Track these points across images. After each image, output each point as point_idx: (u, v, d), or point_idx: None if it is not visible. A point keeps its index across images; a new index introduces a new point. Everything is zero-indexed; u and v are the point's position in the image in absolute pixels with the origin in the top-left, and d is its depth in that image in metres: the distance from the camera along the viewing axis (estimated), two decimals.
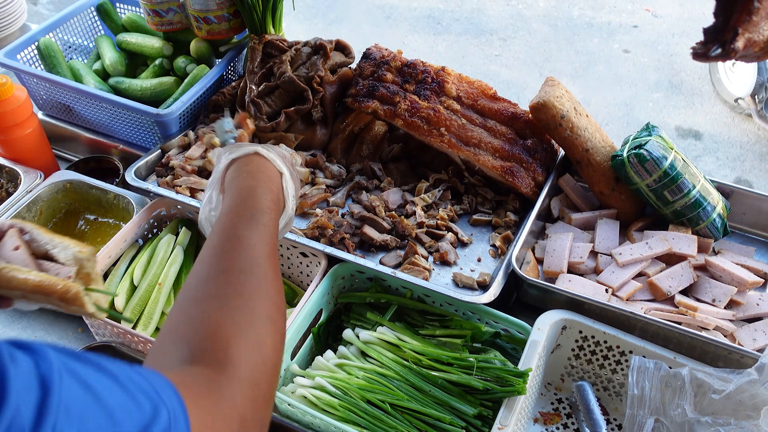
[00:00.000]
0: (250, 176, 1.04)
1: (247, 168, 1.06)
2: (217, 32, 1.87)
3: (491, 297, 1.40)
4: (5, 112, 1.66)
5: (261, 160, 1.08)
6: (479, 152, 1.62)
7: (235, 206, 0.97)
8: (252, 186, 1.02)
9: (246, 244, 0.90)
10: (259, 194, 1.00)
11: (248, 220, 0.94)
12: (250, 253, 0.89)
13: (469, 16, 5.52)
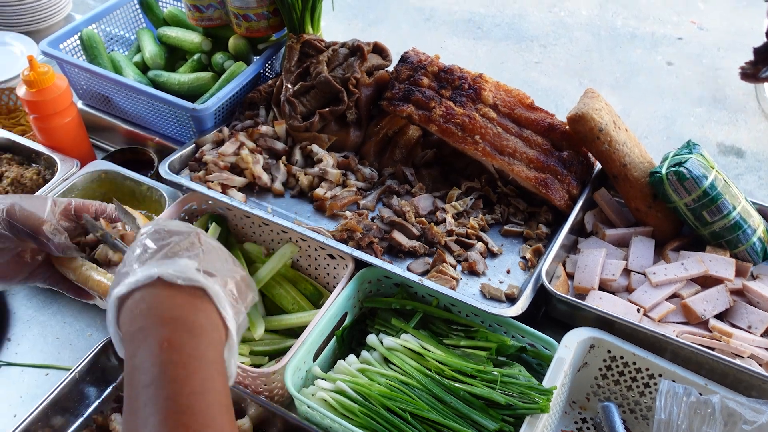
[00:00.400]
0: (157, 323, 0.74)
1: (148, 314, 0.75)
2: (256, 30, 1.87)
3: (519, 310, 1.38)
4: (46, 100, 1.68)
5: (164, 293, 0.77)
6: (513, 162, 1.60)
7: (155, 385, 0.70)
8: (166, 338, 0.73)
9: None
10: (186, 352, 0.73)
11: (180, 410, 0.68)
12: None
13: (510, 22, 5.47)
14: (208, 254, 0.84)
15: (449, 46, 5.10)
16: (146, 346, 0.73)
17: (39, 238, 0.97)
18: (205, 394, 0.71)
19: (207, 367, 0.74)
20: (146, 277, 0.77)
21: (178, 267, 0.79)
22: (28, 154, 1.78)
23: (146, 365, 0.72)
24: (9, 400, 1.43)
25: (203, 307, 0.79)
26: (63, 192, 1.66)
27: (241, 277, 0.88)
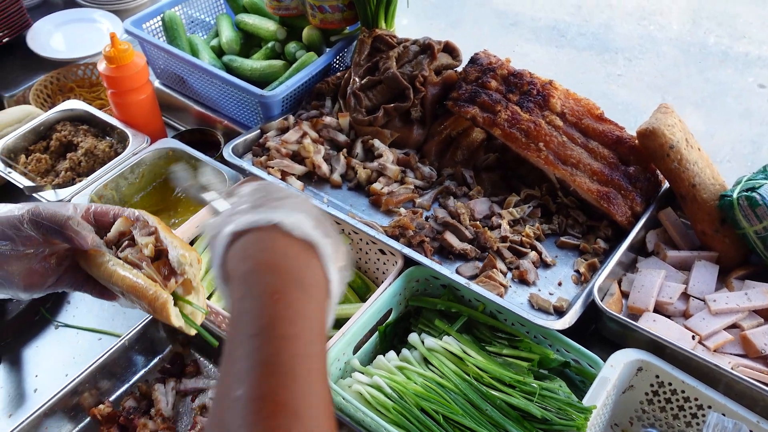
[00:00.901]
0: (270, 270, 0.73)
1: (262, 259, 0.74)
2: (330, 21, 1.89)
3: (566, 324, 1.34)
4: (123, 76, 1.74)
5: (282, 241, 0.75)
6: (576, 173, 1.56)
7: (257, 337, 0.67)
8: (278, 290, 0.71)
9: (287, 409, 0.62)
10: (294, 308, 0.70)
11: (282, 371, 0.65)
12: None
13: (595, 32, 5.33)
14: (319, 217, 0.81)
15: (530, 53, 5.01)
16: (256, 293, 0.71)
17: (66, 232, 0.97)
18: (308, 358, 0.68)
19: (312, 329, 0.71)
20: (266, 221, 0.75)
21: (295, 219, 0.76)
22: (104, 127, 1.85)
23: (254, 313, 0.69)
24: (63, 359, 1.49)
25: (313, 264, 0.76)
26: (131, 166, 1.72)
27: (344, 249, 0.84)
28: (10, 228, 0.97)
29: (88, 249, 1.01)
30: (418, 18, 5.29)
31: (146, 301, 0.96)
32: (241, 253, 0.75)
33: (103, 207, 1.06)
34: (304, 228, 0.76)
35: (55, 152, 1.80)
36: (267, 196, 0.80)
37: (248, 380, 0.64)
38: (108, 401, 1.40)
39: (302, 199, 0.83)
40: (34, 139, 1.82)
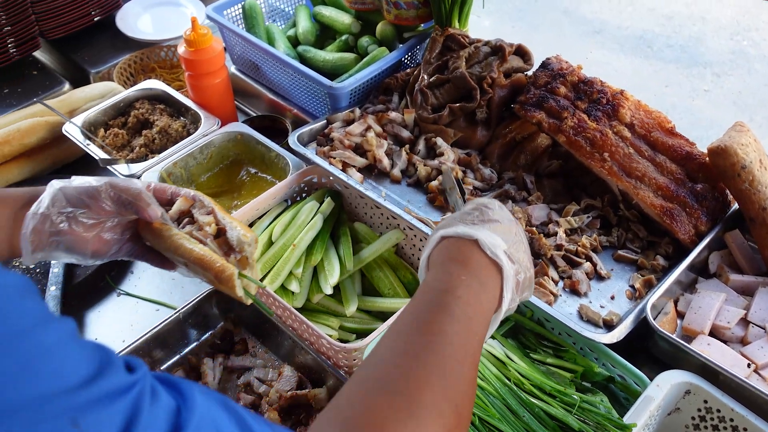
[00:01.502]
0: (461, 265, 0.90)
1: (458, 257, 0.92)
2: (404, 18, 1.90)
3: (614, 338, 1.31)
4: (201, 60, 1.81)
5: (476, 252, 0.92)
6: (640, 186, 1.52)
7: (437, 291, 0.86)
8: (462, 276, 0.88)
9: (441, 339, 0.80)
10: (472, 291, 0.87)
11: (449, 313, 0.83)
12: (443, 348, 0.79)
13: (684, 44, 5.16)
14: (517, 246, 0.97)
15: (612, 62, 4.90)
16: (448, 272, 0.89)
17: (139, 204, 1.07)
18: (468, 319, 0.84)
19: (477, 311, 0.86)
20: (467, 234, 0.92)
21: (493, 240, 0.92)
22: (179, 107, 1.92)
23: (442, 280, 0.88)
24: (121, 325, 1.56)
25: (493, 283, 0.91)
26: (201, 147, 1.78)
27: (530, 276, 0.99)
28: (87, 197, 1.07)
29: (155, 222, 1.10)
30: (501, 20, 5.25)
31: (213, 272, 1.06)
32: (444, 251, 0.94)
33: (162, 185, 1.16)
34: (496, 250, 0.91)
35: (132, 128, 1.88)
36: (483, 215, 0.98)
37: (425, 310, 0.84)
38: (160, 370, 1.46)
39: (509, 225, 0.99)
40: (113, 115, 1.91)
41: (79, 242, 1.09)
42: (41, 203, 1.07)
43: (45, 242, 1.06)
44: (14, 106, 2.05)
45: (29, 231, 1.05)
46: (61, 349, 0.50)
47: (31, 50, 2.20)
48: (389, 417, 0.70)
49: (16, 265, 1.64)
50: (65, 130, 1.82)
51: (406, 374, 0.76)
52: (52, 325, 0.51)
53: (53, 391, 0.48)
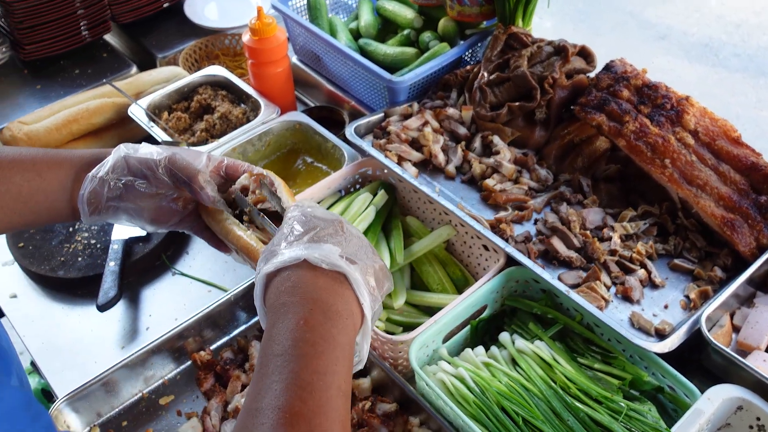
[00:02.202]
0: (299, 302, 0.81)
1: (289, 294, 0.83)
2: (467, 15, 1.89)
3: (666, 348, 1.29)
4: (264, 48, 1.84)
5: (308, 275, 0.84)
6: (701, 195, 1.48)
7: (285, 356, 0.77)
8: (304, 317, 0.80)
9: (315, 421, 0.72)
10: (318, 332, 0.80)
11: (301, 391, 0.74)
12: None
13: (752, 54, 5.00)
14: (350, 242, 0.90)
15: (676, 68, 4.79)
16: (285, 321, 0.80)
17: (193, 186, 1.06)
18: (327, 375, 0.77)
19: (334, 350, 0.80)
20: (292, 258, 0.84)
21: (322, 251, 0.85)
22: (240, 94, 1.96)
23: (281, 337, 0.79)
24: (175, 304, 1.60)
25: (342, 292, 0.85)
26: (259, 134, 1.81)
27: (379, 266, 0.92)
28: (147, 169, 1.08)
29: (208, 206, 1.09)
30: (563, 21, 5.18)
31: (256, 261, 1.01)
32: (275, 291, 0.84)
33: (235, 162, 1.15)
34: (331, 260, 0.84)
35: (194, 113, 1.93)
36: (301, 226, 0.90)
37: (270, 392, 0.74)
38: (209, 349, 1.49)
39: (332, 225, 0.91)
40: (177, 99, 1.96)
41: (138, 210, 1.10)
42: (102, 167, 1.08)
43: (103, 206, 1.08)
44: (84, 87, 2.13)
45: (86, 193, 1.07)
46: (7, 421, 0.50)
47: (103, 33, 2.27)
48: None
49: (78, 227, 1.70)
50: (131, 112, 1.88)
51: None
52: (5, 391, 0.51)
53: None
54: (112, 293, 1.52)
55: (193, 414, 1.41)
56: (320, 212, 0.93)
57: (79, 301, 1.61)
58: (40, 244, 1.68)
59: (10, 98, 2.12)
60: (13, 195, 1.05)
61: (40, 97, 2.12)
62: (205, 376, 1.45)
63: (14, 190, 1.05)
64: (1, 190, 1.05)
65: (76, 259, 1.65)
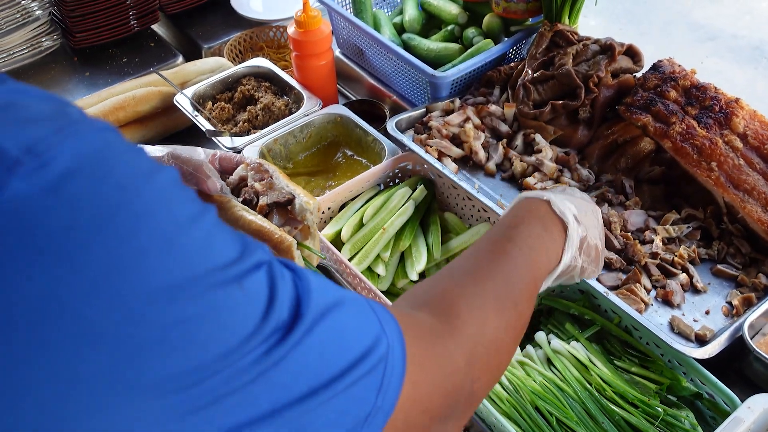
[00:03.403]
0: (528, 212, 1.01)
1: (527, 207, 1.03)
2: (513, 11, 1.88)
3: (707, 354, 1.27)
4: (309, 41, 1.85)
5: (545, 207, 1.02)
6: (748, 200, 1.45)
7: (503, 226, 0.99)
8: (531, 221, 0.99)
9: (504, 258, 0.91)
10: (536, 232, 0.97)
11: (513, 242, 0.93)
12: (506, 264, 0.90)
13: None
14: (587, 215, 1.06)
15: (724, 71, 4.65)
16: (514, 213, 1.02)
17: (199, 176, 1.07)
18: (528, 245, 0.95)
19: (534, 257, 0.94)
20: (540, 195, 1.03)
21: (563, 203, 1.01)
22: (283, 86, 1.98)
23: (512, 220, 0.99)
24: None
25: (557, 235, 0.99)
26: (301, 126, 1.82)
27: (596, 245, 1.07)
28: None
29: (214, 195, 1.09)
30: (609, 20, 5.09)
31: (272, 243, 1.03)
32: (520, 204, 1.05)
33: (228, 154, 1.17)
34: (564, 209, 1.00)
35: (238, 103, 1.95)
36: (563, 191, 1.10)
37: (491, 240, 0.96)
38: None
39: (586, 203, 1.09)
40: (221, 89, 1.99)
41: None
42: None
43: None
44: (131, 75, 2.17)
45: None
46: (219, 232, 0.56)
47: (151, 23, 2.31)
48: (464, 295, 0.81)
49: None
50: (176, 101, 1.91)
51: (476, 272, 0.87)
52: (206, 212, 0.56)
53: (223, 263, 0.53)
54: None
55: None
56: (585, 196, 1.13)
57: None
58: None
59: (60, 85, 2.17)
60: None
61: (89, 84, 2.17)
62: None
63: None
64: None
65: None
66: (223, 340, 0.51)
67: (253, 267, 0.56)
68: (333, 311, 0.61)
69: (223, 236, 0.56)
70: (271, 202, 1.10)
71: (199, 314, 0.50)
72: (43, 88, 1.98)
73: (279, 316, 0.55)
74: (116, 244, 0.48)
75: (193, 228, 0.53)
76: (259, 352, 0.53)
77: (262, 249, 0.60)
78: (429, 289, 0.85)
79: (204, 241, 0.54)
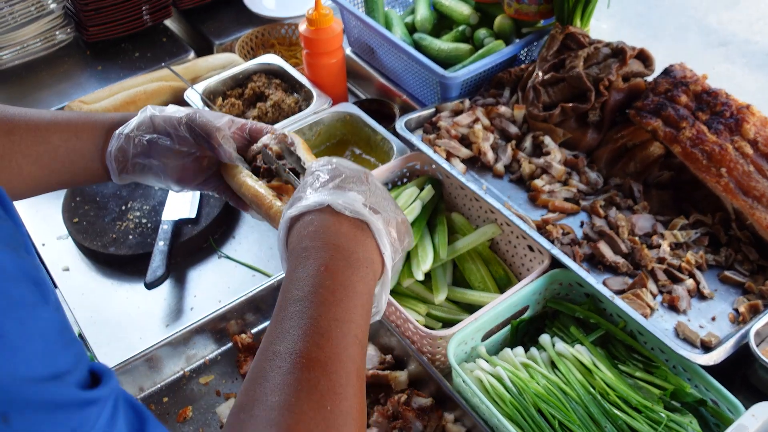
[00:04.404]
0: (321, 247, 0.81)
1: (312, 237, 0.83)
2: (525, 13, 1.87)
3: (712, 361, 1.26)
4: (320, 39, 1.85)
5: (331, 219, 0.84)
6: (757, 206, 1.44)
7: (296, 301, 0.77)
8: (325, 263, 0.80)
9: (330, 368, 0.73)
10: (338, 279, 0.79)
11: (318, 335, 0.74)
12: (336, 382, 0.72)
13: None
14: (375, 193, 0.90)
15: (736, 76, 4.64)
16: (306, 266, 0.80)
17: (212, 142, 1.09)
18: (345, 323, 0.77)
19: (353, 298, 0.80)
20: (317, 203, 0.85)
21: (346, 198, 0.85)
22: (293, 83, 1.98)
23: (301, 282, 0.79)
24: (219, 286, 1.63)
25: (364, 240, 0.85)
26: (310, 124, 1.83)
27: (401, 219, 0.93)
28: (170, 127, 1.11)
29: (225, 161, 1.12)
30: (621, 24, 5.07)
31: (263, 208, 1.05)
32: (297, 235, 0.85)
33: (259, 124, 1.17)
34: (354, 207, 0.84)
35: (248, 100, 1.96)
36: (325, 175, 0.89)
37: (288, 337, 0.74)
38: (250, 332, 1.52)
39: (357, 174, 0.90)
40: (231, 85, 1.99)
41: (163, 168, 1.13)
42: (128, 125, 1.12)
43: (129, 163, 1.11)
44: (143, 70, 2.18)
45: (114, 150, 1.11)
46: (22, 340, 0.47)
47: (163, 18, 2.32)
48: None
49: (131, 205, 1.74)
50: (187, 96, 1.92)
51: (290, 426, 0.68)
52: (26, 313, 0.48)
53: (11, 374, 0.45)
54: (160, 272, 1.55)
55: (232, 395, 1.43)
56: (346, 163, 0.93)
57: (128, 277, 1.65)
58: (94, 220, 1.73)
59: (72, 78, 2.19)
60: (51, 155, 1.09)
61: (101, 78, 2.18)
62: (245, 359, 1.47)
63: (52, 150, 1.09)
64: (39, 151, 1.08)
65: (127, 236, 1.69)
66: None
67: (51, 403, 0.47)
68: None
69: (28, 349, 0.47)
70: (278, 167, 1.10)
71: None
72: (56, 81, 2.00)
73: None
74: None
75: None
76: None
77: (102, 383, 0.52)
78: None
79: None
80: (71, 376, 0.50)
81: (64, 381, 0.49)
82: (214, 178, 1.19)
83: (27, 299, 0.49)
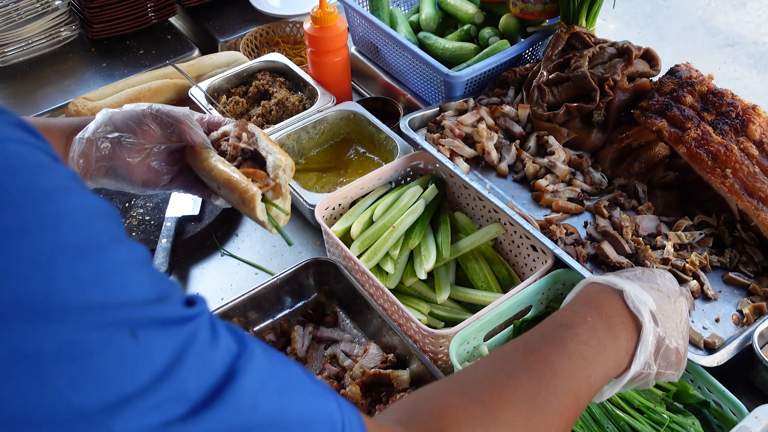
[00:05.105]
0: (595, 308, 0.91)
1: (593, 300, 0.93)
2: (530, 12, 1.87)
3: (715, 362, 1.25)
4: (324, 37, 1.85)
5: (616, 301, 0.93)
6: (762, 208, 1.43)
7: (556, 324, 0.88)
8: (592, 316, 0.89)
9: (543, 367, 0.80)
10: (595, 334, 0.87)
11: (561, 347, 0.83)
12: (542, 377, 0.79)
13: None
14: (671, 313, 0.97)
15: (743, 78, 4.60)
16: (579, 310, 0.91)
17: (181, 126, 1.08)
18: (580, 354, 0.84)
19: (596, 353, 0.85)
20: (613, 283, 0.95)
21: (640, 295, 0.93)
22: (298, 82, 1.98)
23: (570, 315, 0.90)
24: (222, 284, 1.63)
25: (626, 337, 0.90)
26: (314, 122, 1.83)
27: (677, 349, 0.97)
28: (133, 121, 1.09)
29: (197, 146, 1.11)
30: (627, 24, 5.05)
31: (238, 193, 1.05)
32: (583, 293, 0.97)
33: (217, 118, 1.18)
34: (639, 305, 0.92)
35: (252, 98, 1.96)
36: (643, 275, 1.02)
37: (537, 339, 0.86)
38: (252, 330, 1.52)
39: (670, 294, 0.99)
40: (236, 83, 1.99)
41: (127, 169, 1.10)
42: (87, 129, 1.10)
43: (93, 167, 1.09)
44: (147, 67, 2.18)
45: (76, 155, 1.08)
46: (130, 268, 0.50)
47: (168, 16, 2.32)
48: (459, 419, 0.70)
49: (134, 202, 1.75)
50: (191, 94, 1.92)
51: (492, 387, 0.76)
52: (124, 246, 0.51)
53: (117, 301, 0.48)
54: (163, 269, 1.55)
55: None
56: (673, 285, 1.04)
57: None
58: None
59: (76, 75, 2.19)
60: None
61: (105, 75, 2.18)
62: None
63: None
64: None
65: (130, 233, 1.69)
66: (86, 392, 0.44)
67: (165, 320, 0.50)
68: (272, 397, 0.54)
69: (138, 276, 0.51)
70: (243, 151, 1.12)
71: (55, 352, 0.43)
72: (60, 78, 2.00)
73: (179, 387, 0.48)
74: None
75: (96, 254, 0.48)
76: (145, 423, 0.46)
77: (196, 303, 0.55)
78: (424, 403, 0.73)
79: (105, 272, 0.48)
80: (175, 297, 0.53)
81: (172, 300, 0.52)
82: (180, 176, 1.18)
83: (121, 233, 0.53)
